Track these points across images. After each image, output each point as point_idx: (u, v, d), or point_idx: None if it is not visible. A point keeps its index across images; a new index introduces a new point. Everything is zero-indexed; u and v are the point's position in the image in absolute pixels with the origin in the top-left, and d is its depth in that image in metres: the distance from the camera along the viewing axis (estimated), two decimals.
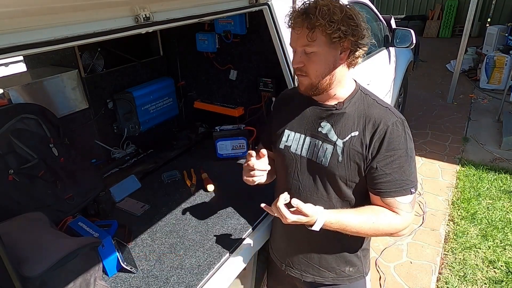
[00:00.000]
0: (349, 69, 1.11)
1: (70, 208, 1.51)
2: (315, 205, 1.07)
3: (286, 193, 1.04)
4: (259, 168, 1.17)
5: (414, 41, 3.07)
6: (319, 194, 1.15)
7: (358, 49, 1.06)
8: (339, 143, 1.09)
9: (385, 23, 3.41)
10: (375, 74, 2.97)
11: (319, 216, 1.03)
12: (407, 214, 1.08)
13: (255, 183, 1.21)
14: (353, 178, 1.10)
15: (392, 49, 3.42)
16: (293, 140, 1.19)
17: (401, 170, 1.05)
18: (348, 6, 1.03)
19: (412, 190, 1.07)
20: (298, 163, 1.18)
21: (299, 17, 1.01)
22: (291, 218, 1.02)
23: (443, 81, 6.26)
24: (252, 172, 1.17)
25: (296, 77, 1.16)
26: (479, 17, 9.40)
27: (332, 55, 1.04)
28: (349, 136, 1.08)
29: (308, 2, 1.02)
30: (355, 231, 1.07)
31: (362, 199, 1.14)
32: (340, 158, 1.09)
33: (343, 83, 1.11)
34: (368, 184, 1.10)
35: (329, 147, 1.11)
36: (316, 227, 1.03)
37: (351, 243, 1.23)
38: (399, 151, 1.04)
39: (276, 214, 1.07)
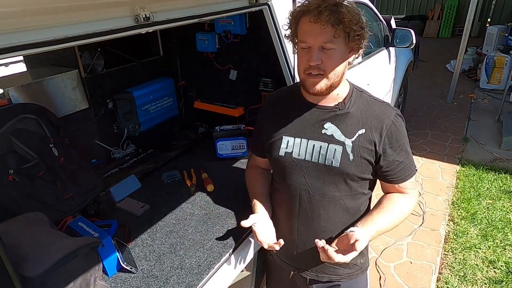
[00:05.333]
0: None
1: (70, 208, 1.51)
2: (326, 208, 1.16)
3: (322, 241, 1.08)
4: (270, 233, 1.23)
5: (414, 41, 3.07)
6: (330, 195, 1.15)
7: (360, 49, 1.08)
8: (348, 142, 1.10)
9: (385, 23, 3.41)
10: (375, 74, 2.97)
11: (366, 240, 1.07)
12: (414, 191, 1.20)
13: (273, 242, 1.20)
14: (363, 174, 1.13)
15: (392, 49, 3.42)
16: (294, 145, 1.17)
17: (407, 155, 1.14)
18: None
19: (416, 169, 1.19)
20: (303, 168, 1.16)
21: (324, 11, 0.96)
22: (348, 259, 1.05)
23: (443, 81, 6.26)
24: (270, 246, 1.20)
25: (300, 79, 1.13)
26: (479, 17, 9.40)
27: (346, 54, 1.06)
28: (357, 134, 1.10)
29: None
30: (390, 229, 1.16)
31: (369, 191, 1.21)
32: (351, 157, 1.10)
33: (343, 82, 1.13)
34: (383, 176, 1.16)
35: (338, 148, 1.11)
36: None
37: None
38: (403, 139, 1.13)
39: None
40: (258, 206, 1.28)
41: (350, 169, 1.11)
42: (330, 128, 1.13)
